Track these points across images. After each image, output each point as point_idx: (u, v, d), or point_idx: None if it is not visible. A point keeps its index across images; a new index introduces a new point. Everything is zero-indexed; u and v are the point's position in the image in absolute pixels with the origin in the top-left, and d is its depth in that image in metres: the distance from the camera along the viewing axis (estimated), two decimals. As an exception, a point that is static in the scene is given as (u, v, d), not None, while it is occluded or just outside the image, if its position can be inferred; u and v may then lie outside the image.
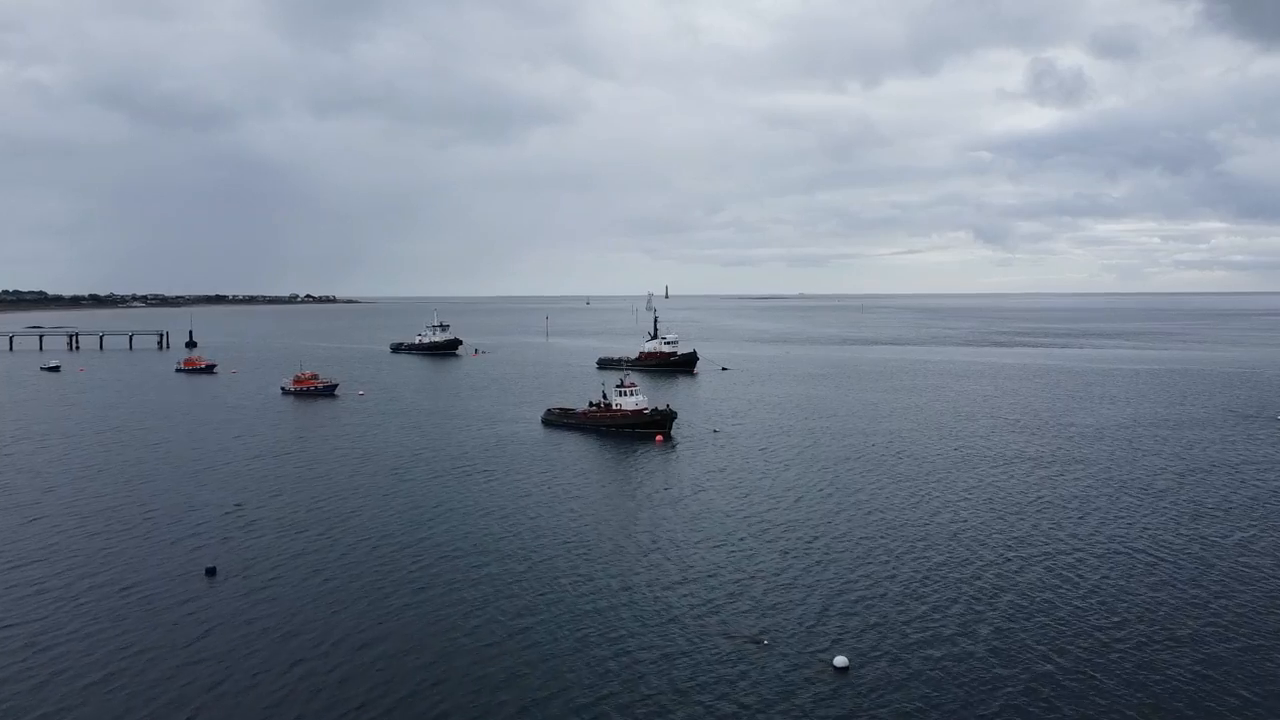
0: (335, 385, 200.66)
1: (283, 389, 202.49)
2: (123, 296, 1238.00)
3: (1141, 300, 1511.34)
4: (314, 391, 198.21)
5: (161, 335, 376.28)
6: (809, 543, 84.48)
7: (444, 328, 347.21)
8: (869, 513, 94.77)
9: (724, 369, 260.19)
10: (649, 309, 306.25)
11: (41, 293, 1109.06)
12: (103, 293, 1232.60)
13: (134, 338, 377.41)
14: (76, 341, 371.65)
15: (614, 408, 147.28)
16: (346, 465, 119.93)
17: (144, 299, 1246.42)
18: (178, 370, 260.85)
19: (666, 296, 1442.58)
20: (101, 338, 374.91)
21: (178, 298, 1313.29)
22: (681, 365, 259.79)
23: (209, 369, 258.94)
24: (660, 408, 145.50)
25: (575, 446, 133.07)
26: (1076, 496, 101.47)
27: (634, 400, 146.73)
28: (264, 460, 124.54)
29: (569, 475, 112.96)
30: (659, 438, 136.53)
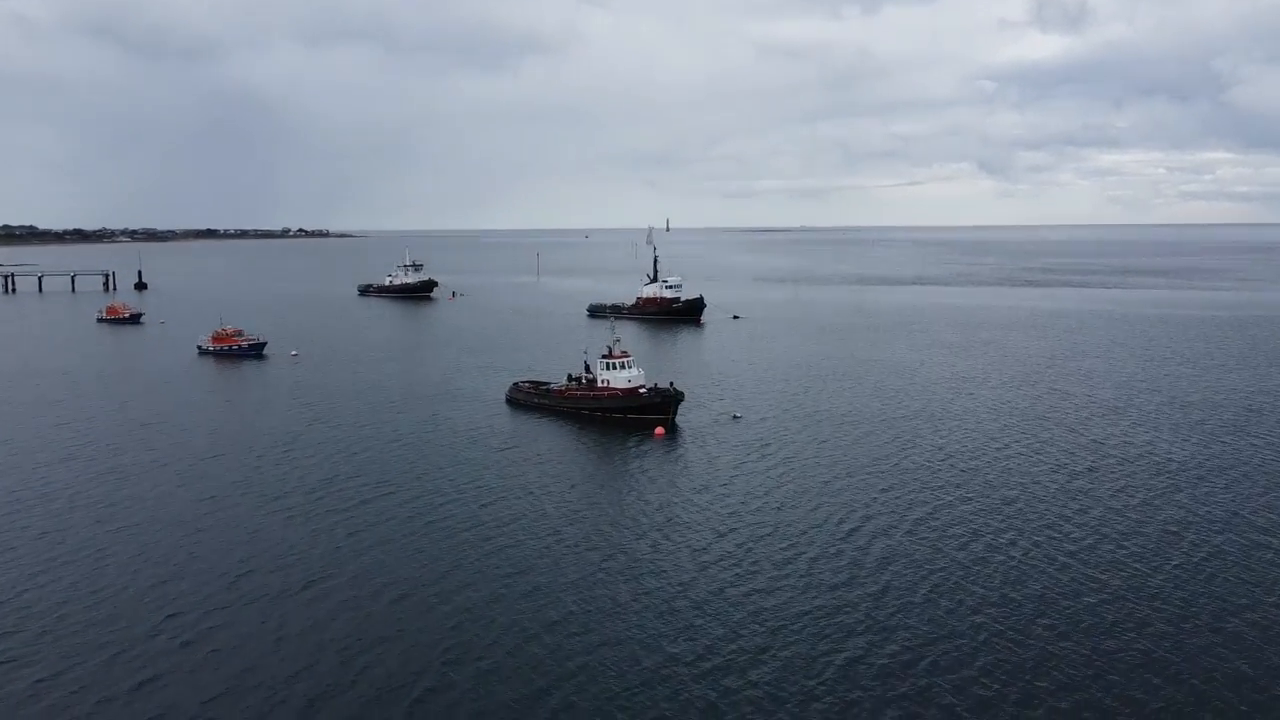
0: (263, 344, 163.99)
1: (199, 348, 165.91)
2: (112, 232, 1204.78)
3: (1153, 233, 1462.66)
4: (236, 352, 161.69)
5: (107, 275, 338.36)
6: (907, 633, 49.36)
7: (417, 268, 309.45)
8: (972, 558, 59.30)
9: (735, 317, 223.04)
10: (649, 244, 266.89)
11: (32, 227, 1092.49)
12: (93, 228, 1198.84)
13: (76, 278, 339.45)
14: (13, 283, 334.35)
15: (600, 385, 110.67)
16: (216, 475, 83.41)
17: (133, 234, 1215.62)
18: (99, 320, 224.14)
19: (668, 230, 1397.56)
20: (40, 279, 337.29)
21: (168, 232, 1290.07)
22: (686, 314, 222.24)
23: (134, 319, 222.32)
24: (661, 386, 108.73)
25: (545, 442, 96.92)
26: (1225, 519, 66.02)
27: (626, 376, 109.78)
28: (105, 468, 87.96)
29: (529, 492, 76.95)
30: (659, 431, 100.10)
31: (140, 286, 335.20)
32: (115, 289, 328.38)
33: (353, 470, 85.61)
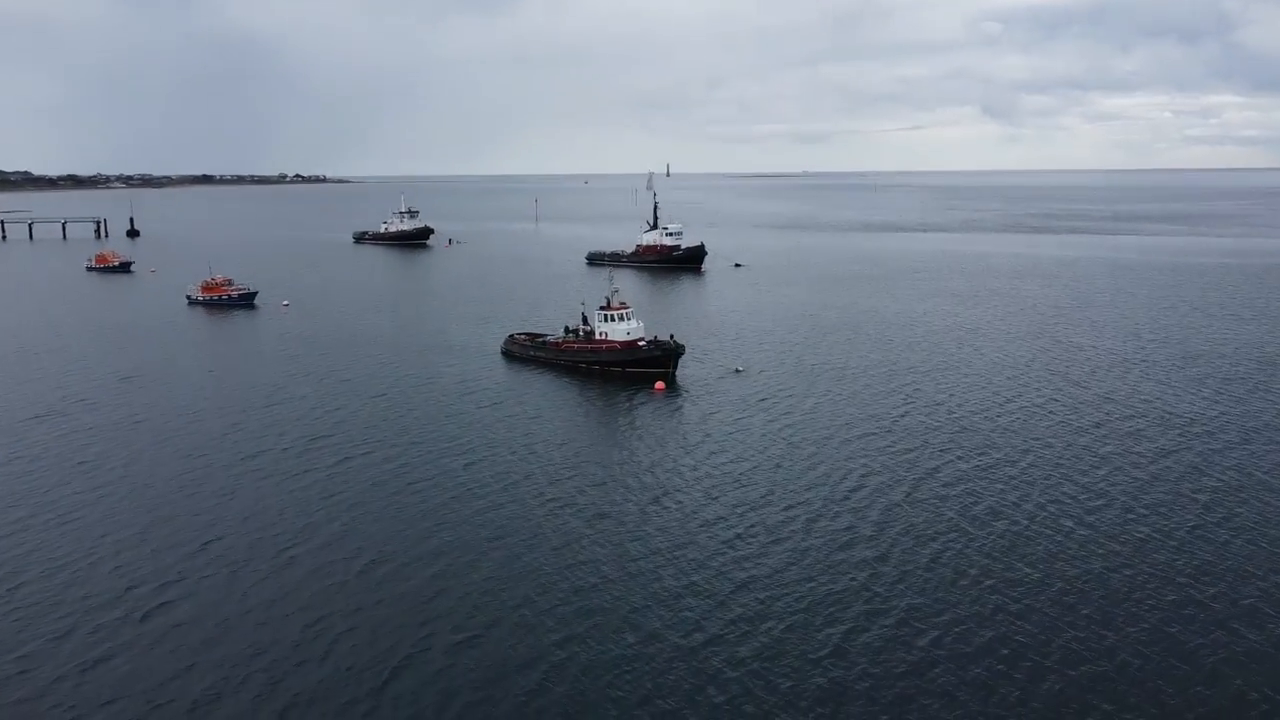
0: (253, 294, 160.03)
1: (188, 298, 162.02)
2: (107, 178, 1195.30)
3: (1158, 178, 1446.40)
4: (226, 302, 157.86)
5: (99, 223, 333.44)
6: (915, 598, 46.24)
7: (413, 214, 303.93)
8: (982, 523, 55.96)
9: (737, 265, 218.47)
10: (649, 189, 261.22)
11: (26, 173, 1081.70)
12: (88, 173, 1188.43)
13: (68, 226, 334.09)
14: (2, 231, 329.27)
15: (598, 338, 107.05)
16: (194, 432, 79.76)
17: (128, 180, 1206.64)
18: (88, 269, 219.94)
19: (668, 175, 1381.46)
20: (30, 225, 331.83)
21: (164, 178, 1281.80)
22: (687, 262, 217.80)
23: (124, 267, 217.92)
24: (661, 339, 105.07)
25: (538, 397, 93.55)
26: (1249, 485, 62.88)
27: (625, 328, 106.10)
28: (86, 422, 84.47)
29: (519, 452, 73.51)
30: (659, 386, 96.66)
31: (132, 234, 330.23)
32: (107, 236, 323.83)
33: (335, 427, 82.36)
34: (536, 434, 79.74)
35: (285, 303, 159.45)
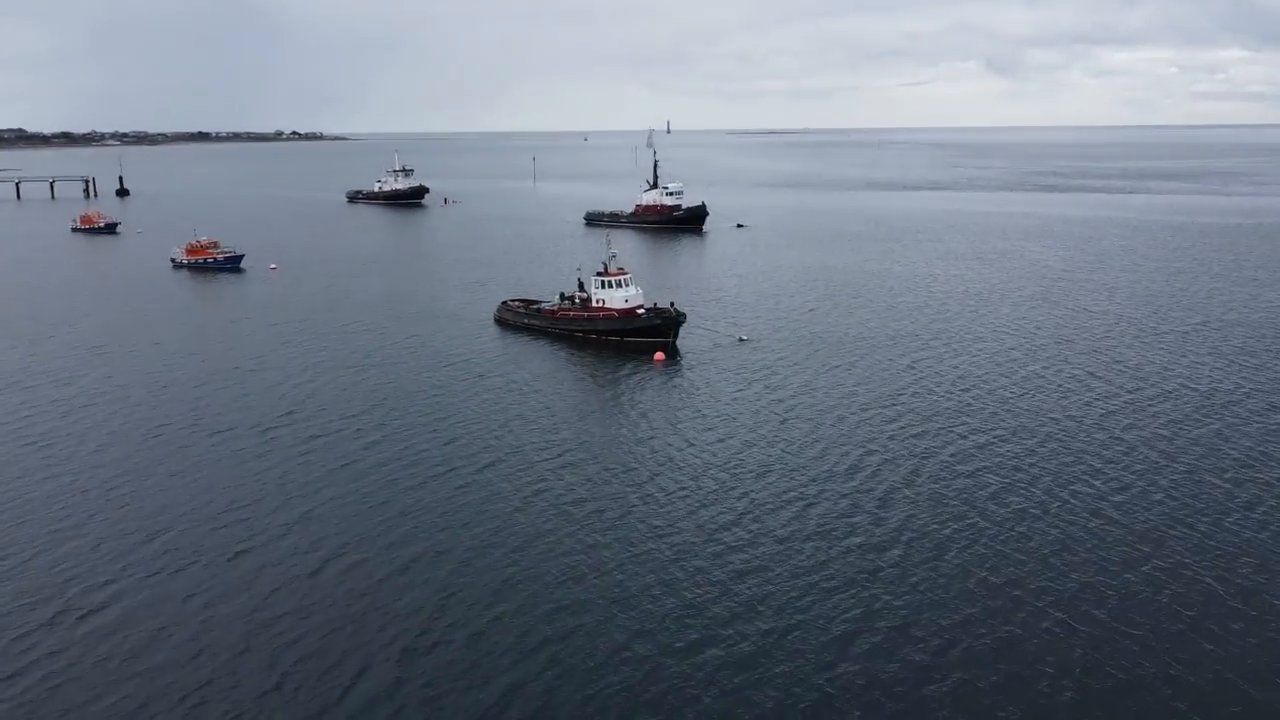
0: (239, 256, 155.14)
1: (173, 260, 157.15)
2: (101, 135, 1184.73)
3: (1164, 134, 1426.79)
4: (211, 265, 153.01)
5: (88, 181, 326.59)
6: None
7: (407, 173, 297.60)
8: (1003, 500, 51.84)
9: (739, 226, 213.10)
10: (649, 147, 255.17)
11: (20, 130, 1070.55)
12: (82, 130, 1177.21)
13: (56, 185, 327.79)
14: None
15: (594, 304, 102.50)
16: (164, 406, 75.23)
17: (123, 137, 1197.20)
18: (73, 230, 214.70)
19: (669, 132, 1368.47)
20: (18, 184, 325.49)
21: (159, 136, 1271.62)
22: (687, 222, 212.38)
23: (109, 228, 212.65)
24: (661, 306, 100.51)
25: (531, 369, 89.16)
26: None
27: (623, 295, 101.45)
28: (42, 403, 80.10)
29: (508, 428, 69.08)
30: (659, 357, 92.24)
31: (122, 193, 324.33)
32: (96, 195, 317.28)
33: (315, 400, 78.09)
34: (523, 410, 75.30)
35: (273, 265, 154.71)
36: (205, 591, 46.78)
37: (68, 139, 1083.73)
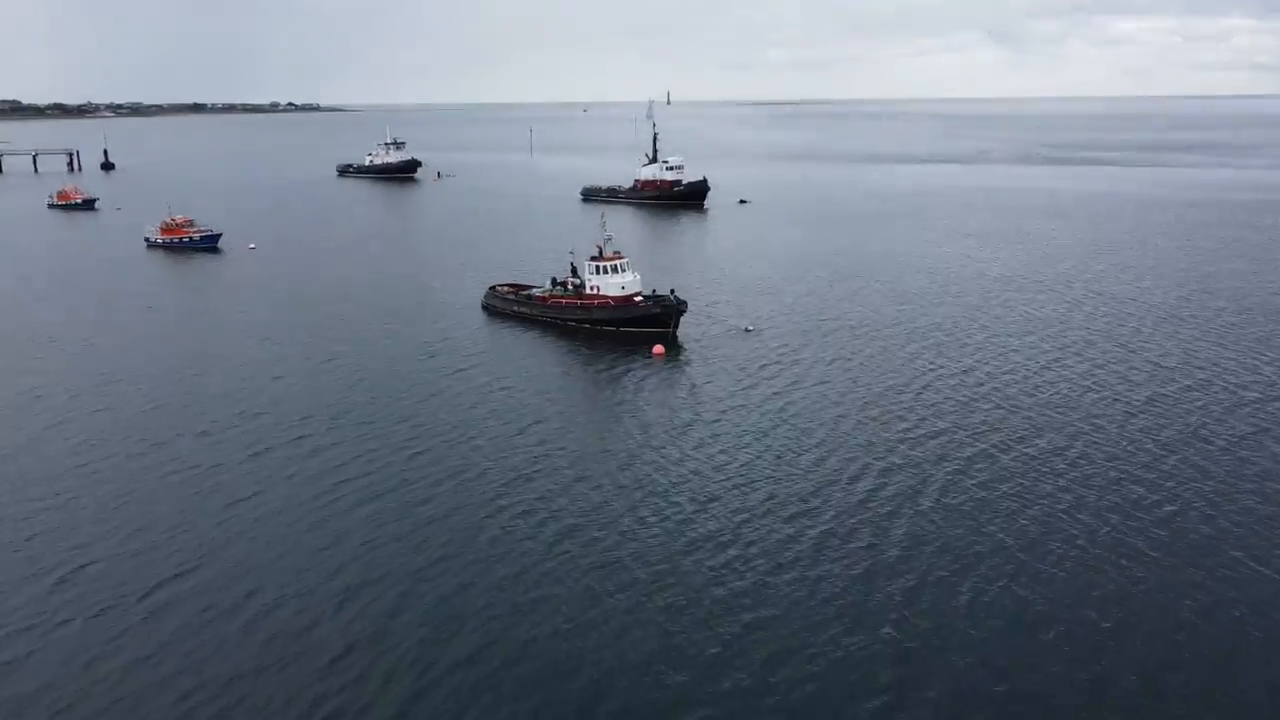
0: (217, 236, 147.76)
1: (147, 240, 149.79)
2: (96, 106, 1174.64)
3: (1170, 105, 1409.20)
4: (187, 244, 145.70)
5: (71, 155, 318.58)
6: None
7: (398, 146, 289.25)
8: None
9: (742, 202, 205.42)
10: (649, 118, 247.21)
11: (15, 102, 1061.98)
12: (77, 102, 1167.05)
13: (38, 158, 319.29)
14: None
15: (588, 292, 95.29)
16: (110, 407, 68.06)
17: (118, 109, 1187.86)
18: (50, 206, 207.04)
19: (669, 103, 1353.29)
20: (0, 158, 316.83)
21: (154, 107, 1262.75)
22: (688, 198, 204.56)
23: (87, 205, 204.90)
24: (660, 294, 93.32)
25: (517, 363, 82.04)
26: None
27: (619, 281, 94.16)
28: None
29: (487, 434, 61.95)
30: (658, 350, 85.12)
31: (107, 166, 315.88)
32: (80, 169, 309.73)
33: (275, 399, 71.09)
34: (503, 414, 68.07)
35: (251, 245, 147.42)
36: (115, 652, 39.80)
37: (61, 111, 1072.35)
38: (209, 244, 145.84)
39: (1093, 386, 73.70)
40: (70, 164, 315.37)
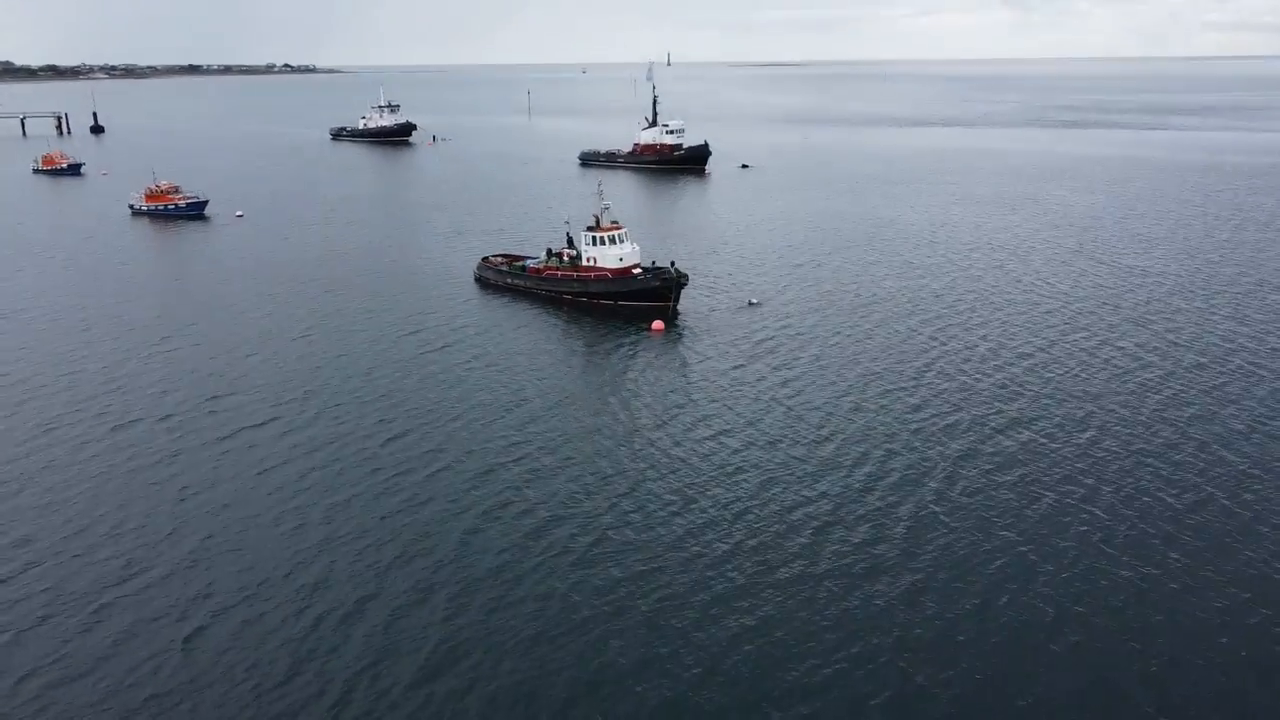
0: (203, 203, 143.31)
1: (131, 207, 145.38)
2: (90, 68, 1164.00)
3: (1176, 66, 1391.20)
4: (172, 212, 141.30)
5: (60, 118, 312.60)
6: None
7: (393, 108, 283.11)
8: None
9: (744, 166, 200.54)
10: (649, 80, 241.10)
11: (8, 63, 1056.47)
12: (70, 64, 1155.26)
13: (27, 121, 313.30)
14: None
15: (585, 263, 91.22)
16: (73, 386, 64.44)
17: (111, 70, 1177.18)
18: (35, 171, 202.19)
19: (669, 64, 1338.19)
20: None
21: (149, 69, 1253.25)
22: (689, 163, 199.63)
23: (73, 169, 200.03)
24: (660, 266, 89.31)
25: (508, 339, 78.19)
26: None
27: (617, 253, 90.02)
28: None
29: (470, 418, 58.21)
30: (658, 326, 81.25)
31: (97, 129, 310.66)
32: (69, 132, 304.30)
33: (246, 379, 67.42)
34: (487, 395, 64.34)
35: (239, 213, 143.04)
36: (48, 670, 36.47)
37: (55, 72, 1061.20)
38: (195, 211, 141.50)
39: (1105, 364, 69.85)
40: (59, 127, 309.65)
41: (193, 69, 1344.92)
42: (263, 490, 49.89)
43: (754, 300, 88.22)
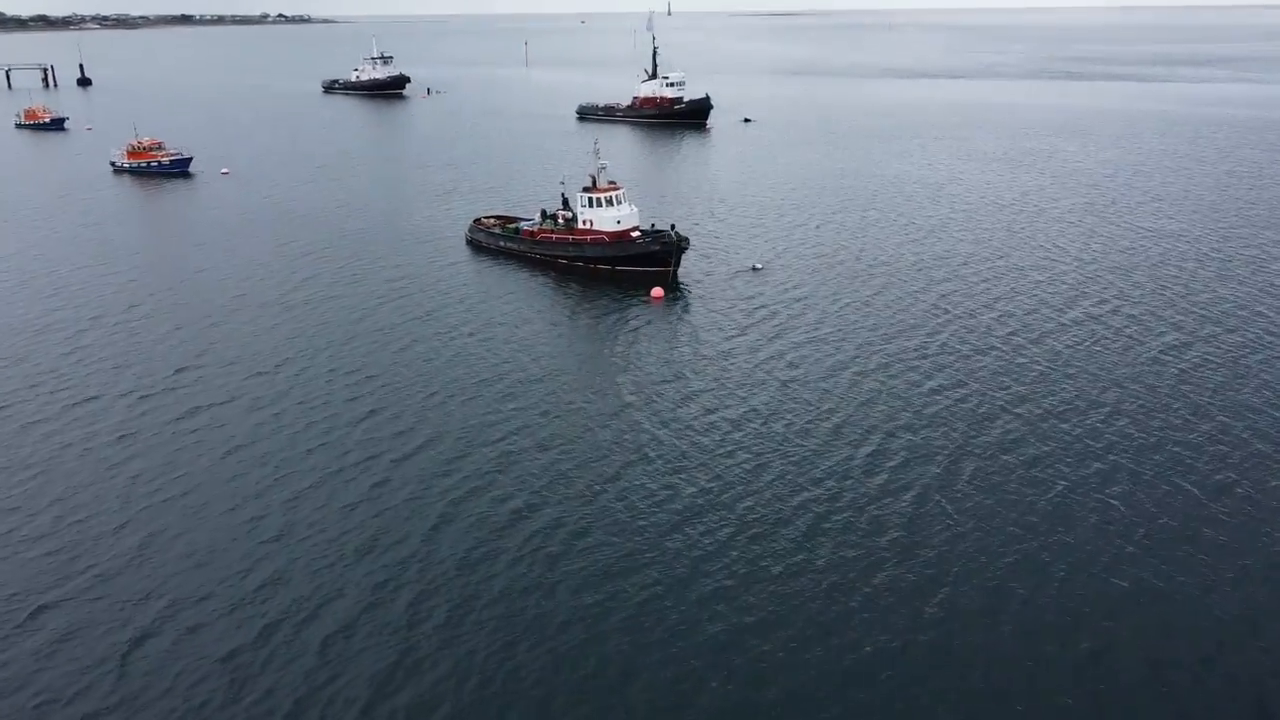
0: (187, 160, 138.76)
1: (113, 164, 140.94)
2: (81, 18, 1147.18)
3: (1188, 15, 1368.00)
4: (155, 169, 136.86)
5: (46, 70, 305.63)
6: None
7: (386, 60, 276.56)
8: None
9: (746, 120, 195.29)
10: (648, 30, 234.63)
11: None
12: (61, 14, 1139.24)
13: (11, 73, 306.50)
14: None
15: (581, 226, 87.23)
16: (31, 358, 61.14)
17: (103, 20, 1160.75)
18: (17, 126, 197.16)
19: (669, 14, 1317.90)
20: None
21: (141, 19, 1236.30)
22: (690, 117, 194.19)
23: (57, 124, 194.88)
24: (660, 229, 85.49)
25: (497, 308, 74.51)
26: None
27: (614, 215, 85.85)
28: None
29: (451, 397, 54.75)
30: (657, 293, 77.58)
31: (84, 82, 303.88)
32: (56, 85, 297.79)
33: (218, 350, 63.89)
34: (472, 368, 60.81)
35: (224, 170, 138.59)
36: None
37: (45, 23, 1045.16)
38: (179, 169, 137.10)
39: (1118, 334, 66.33)
40: (46, 80, 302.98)
41: (185, 19, 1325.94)
42: (222, 476, 46.61)
43: (758, 265, 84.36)
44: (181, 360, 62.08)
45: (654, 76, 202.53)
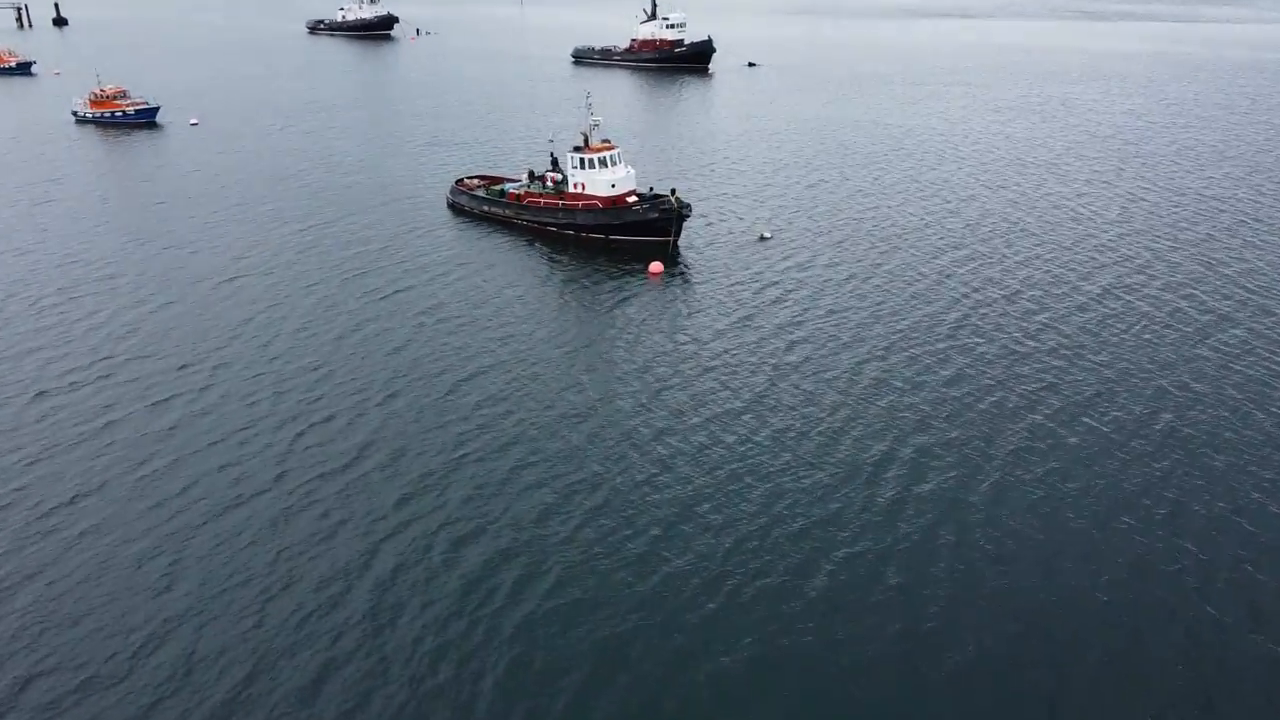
0: (155, 109, 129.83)
1: (75, 114, 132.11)
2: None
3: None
4: (120, 119, 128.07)
5: (20, 9, 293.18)
6: None
7: (373, 0, 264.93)
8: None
9: (750, 65, 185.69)
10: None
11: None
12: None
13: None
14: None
15: (572, 190, 79.22)
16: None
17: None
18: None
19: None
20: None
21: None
22: (691, 61, 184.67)
23: (23, 69, 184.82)
24: (660, 194, 77.37)
25: (478, 283, 66.88)
26: None
27: (609, 178, 77.50)
28: None
29: (440, 374, 47.41)
30: (656, 268, 69.92)
31: (59, 22, 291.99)
32: (30, 25, 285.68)
33: (157, 337, 56.28)
34: (443, 352, 53.68)
35: (194, 120, 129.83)
36: None
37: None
38: (146, 118, 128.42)
39: (1160, 311, 59.08)
40: (20, 19, 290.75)
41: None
42: (134, 508, 39.52)
43: (766, 234, 76.52)
44: (113, 349, 54.29)
45: (653, 17, 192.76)
